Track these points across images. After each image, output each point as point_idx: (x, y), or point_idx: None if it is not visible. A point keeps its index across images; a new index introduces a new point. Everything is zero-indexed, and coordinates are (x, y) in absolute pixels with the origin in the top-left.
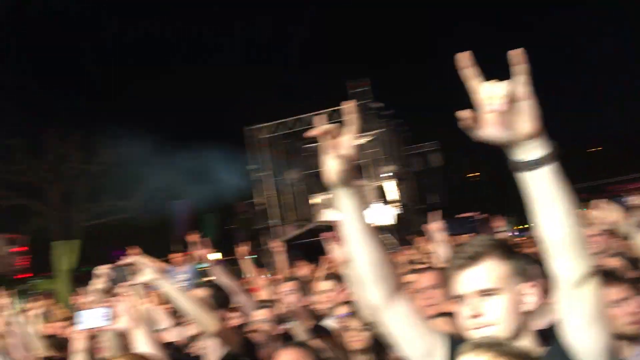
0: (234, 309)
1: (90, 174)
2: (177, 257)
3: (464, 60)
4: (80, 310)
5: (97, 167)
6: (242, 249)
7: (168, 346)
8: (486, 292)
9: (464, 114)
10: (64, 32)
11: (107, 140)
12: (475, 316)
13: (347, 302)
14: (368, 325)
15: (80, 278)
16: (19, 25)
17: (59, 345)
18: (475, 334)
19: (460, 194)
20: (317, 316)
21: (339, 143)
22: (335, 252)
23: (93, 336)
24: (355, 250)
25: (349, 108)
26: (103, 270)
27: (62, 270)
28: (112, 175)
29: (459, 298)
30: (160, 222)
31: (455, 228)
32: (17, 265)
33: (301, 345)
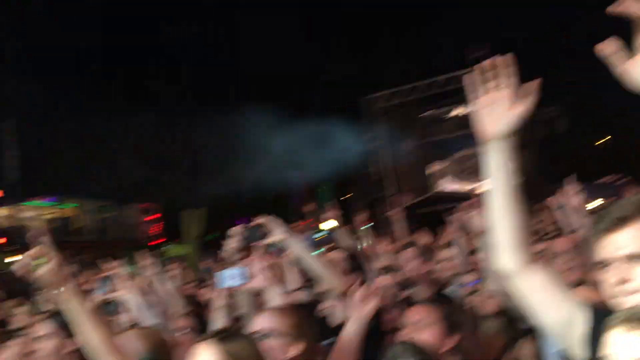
0: (363, 275)
1: (216, 146)
2: (296, 226)
3: None
4: (209, 272)
5: (221, 139)
6: (360, 218)
7: (298, 306)
8: (636, 257)
9: (607, 46)
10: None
11: (231, 113)
12: (623, 282)
13: (474, 270)
14: (498, 293)
15: (208, 244)
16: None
17: (195, 303)
18: (622, 302)
19: (587, 162)
20: (439, 284)
21: (498, 96)
22: (471, 219)
23: (231, 295)
24: (499, 213)
25: (504, 61)
26: (237, 230)
27: (191, 237)
28: (236, 147)
29: (603, 264)
30: (280, 192)
31: (594, 193)
32: (151, 233)
33: (430, 303)
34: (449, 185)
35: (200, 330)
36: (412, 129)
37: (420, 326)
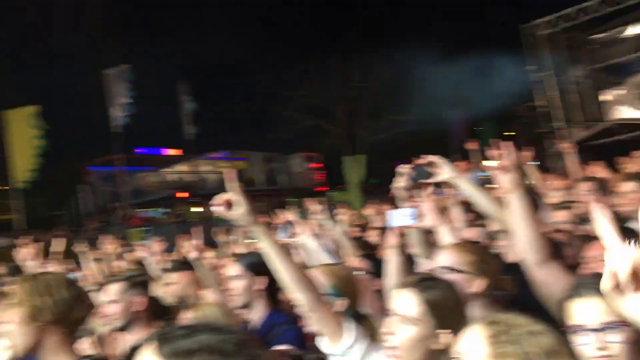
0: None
1: (371, 92)
2: (460, 165)
3: None
4: (373, 216)
5: (376, 84)
6: (526, 155)
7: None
8: None
9: None
10: None
11: (384, 57)
12: None
13: None
14: None
15: (369, 189)
16: None
17: (363, 245)
18: None
19: None
20: (619, 218)
21: None
22: None
23: (402, 234)
24: None
25: None
26: (405, 169)
27: (353, 183)
28: (391, 91)
29: None
30: (439, 132)
31: None
32: (314, 180)
33: None
34: (627, 113)
35: (374, 271)
36: (581, 54)
37: (602, 260)
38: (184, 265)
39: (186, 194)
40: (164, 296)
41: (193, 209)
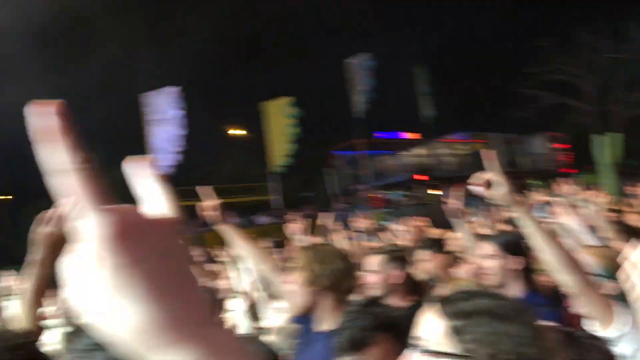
0: None
1: (626, 63)
2: None
3: None
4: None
5: (632, 55)
6: None
7: None
8: None
9: None
10: None
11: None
12: None
13: None
14: None
15: (624, 171)
16: None
17: (625, 229)
18: None
19: None
20: None
21: None
22: None
23: None
24: None
25: None
26: None
27: (606, 164)
28: None
29: None
30: None
31: None
32: (559, 161)
33: None
34: None
35: None
36: None
37: None
38: (435, 243)
39: (424, 177)
40: (416, 273)
41: (431, 192)
